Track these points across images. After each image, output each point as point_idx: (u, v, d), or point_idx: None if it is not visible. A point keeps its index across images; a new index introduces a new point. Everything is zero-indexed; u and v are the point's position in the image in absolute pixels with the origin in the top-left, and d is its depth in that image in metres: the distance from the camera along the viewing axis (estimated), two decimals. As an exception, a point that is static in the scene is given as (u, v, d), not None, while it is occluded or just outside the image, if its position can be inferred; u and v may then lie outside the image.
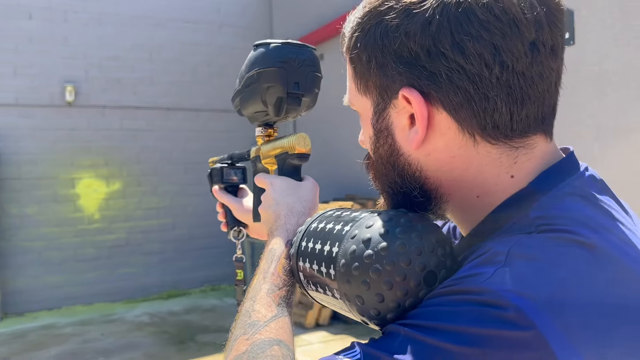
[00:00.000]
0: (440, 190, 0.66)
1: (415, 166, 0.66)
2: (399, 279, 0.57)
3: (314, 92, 0.96)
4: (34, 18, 6.73)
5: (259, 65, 0.92)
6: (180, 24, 7.60)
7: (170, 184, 7.49)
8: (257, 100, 0.95)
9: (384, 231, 0.59)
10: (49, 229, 6.81)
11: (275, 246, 0.81)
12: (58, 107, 6.87)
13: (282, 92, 0.92)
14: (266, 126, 1.05)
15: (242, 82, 0.97)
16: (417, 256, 0.58)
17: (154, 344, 5.27)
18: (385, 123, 0.67)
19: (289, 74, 0.91)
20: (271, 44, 0.92)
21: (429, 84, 0.60)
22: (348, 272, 0.60)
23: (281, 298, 0.73)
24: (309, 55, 0.94)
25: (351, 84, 0.71)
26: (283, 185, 0.93)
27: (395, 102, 0.64)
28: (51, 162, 6.83)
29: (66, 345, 5.33)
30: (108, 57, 7.13)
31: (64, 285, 6.82)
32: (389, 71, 0.62)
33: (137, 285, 7.22)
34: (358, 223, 0.63)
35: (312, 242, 0.70)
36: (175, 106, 7.54)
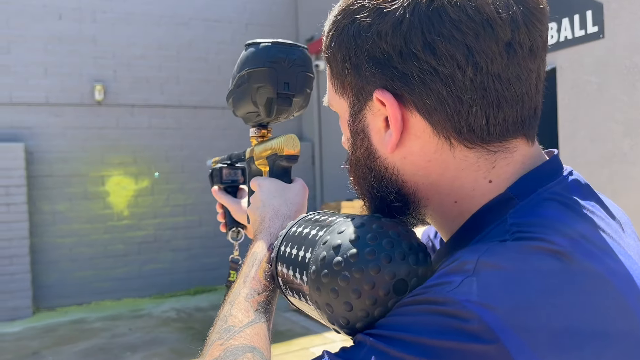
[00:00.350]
0: (417, 194, 0.64)
1: (392, 170, 0.64)
2: (367, 287, 0.55)
3: (305, 92, 0.94)
4: (64, 18, 6.86)
5: (249, 65, 0.91)
6: (206, 22, 7.65)
7: (197, 182, 7.56)
8: (248, 100, 0.93)
9: (354, 237, 0.58)
10: (79, 226, 6.95)
11: (258, 250, 0.80)
12: (88, 106, 7.00)
13: (272, 92, 0.90)
14: (260, 127, 1.03)
15: (233, 82, 0.96)
16: (386, 263, 0.56)
17: (180, 340, 5.34)
18: (361, 125, 0.65)
19: (279, 74, 0.89)
20: (261, 44, 0.91)
21: (401, 86, 0.58)
22: (318, 279, 0.58)
23: (260, 304, 0.72)
24: (299, 54, 0.92)
25: (329, 84, 0.69)
26: (271, 187, 0.91)
27: (370, 104, 0.62)
28: (81, 160, 6.96)
29: (95, 340, 5.43)
30: (136, 56, 7.23)
31: (93, 280, 6.96)
32: (363, 72, 0.60)
33: (165, 281, 7.32)
34: (331, 229, 0.62)
35: (290, 246, 0.69)
36: (201, 104, 7.61)
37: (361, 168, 0.68)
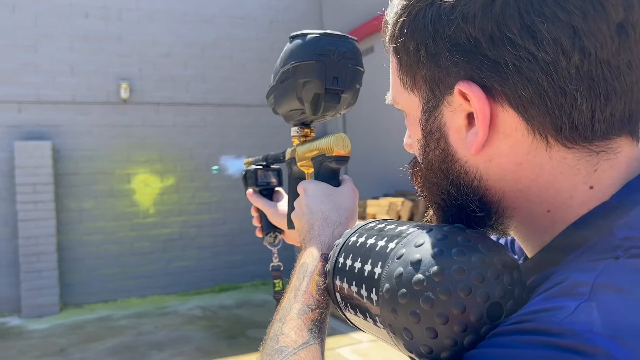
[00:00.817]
0: (503, 203, 0.55)
1: (474, 174, 0.55)
2: (457, 311, 0.47)
3: (354, 87, 0.86)
4: (90, 17, 6.89)
5: (294, 58, 0.83)
6: (231, 20, 7.63)
7: (222, 179, 7.55)
8: (292, 97, 0.86)
9: (437, 251, 0.50)
10: (105, 223, 6.99)
11: (308, 260, 0.73)
12: (114, 104, 7.02)
13: (319, 88, 0.82)
14: (302, 125, 0.96)
15: (276, 78, 0.89)
16: (478, 284, 0.48)
17: (206, 338, 5.32)
18: (437, 124, 0.57)
19: (328, 68, 0.82)
20: (308, 35, 0.83)
21: (491, 76, 0.50)
22: (394, 300, 0.51)
23: (313, 322, 0.65)
24: (349, 47, 0.84)
25: (395, 78, 0.62)
26: (317, 191, 0.84)
27: (450, 98, 0.54)
28: (108, 157, 7.00)
29: (121, 338, 5.45)
30: (161, 54, 7.24)
31: (119, 278, 6.99)
32: (442, 62, 0.53)
33: (190, 279, 7.33)
34: (405, 240, 0.54)
35: (351, 258, 0.61)
36: (226, 102, 7.59)
37: (435, 173, 0.60)
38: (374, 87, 7.03)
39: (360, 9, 7.15)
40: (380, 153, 6.75)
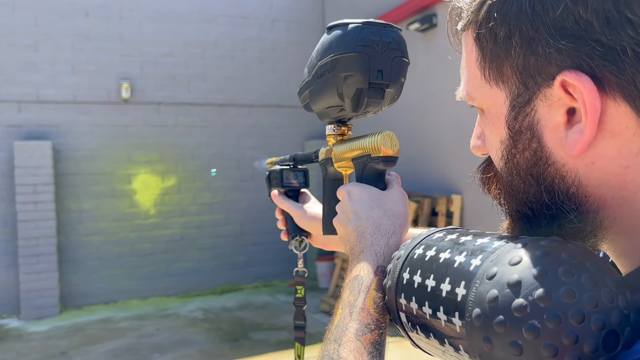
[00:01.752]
0: (602, 212, 0.48)
1: (572, 180, 0.49)
2: (568, 342, 0.41)
3: (399, 81, 0.79)
4: (91, 16, 6.83)
5: (334, 50, 0.75)
6: (233, 19, 7.58)
7: (223, 180, 7.50)
8: (332, 92, 0.79)
9: (540, 271, 0.43)
10: (106, 224, 6.93)
11: (362, 273, 0.66)
12: (115, 103, 6.96)
13: (363, 82, 0.75)
14: (339, 123, 0.89)
15: (313, 72, 0.81)
16: (592, 309, 0.41)
17: (208, 341, 5.26)
18: (528, 121, 0.50)
19: (372, 60, 0.74)
20: (349, 25, 0.75)
21: (604, 65, 0.43)
22: (487, 328, 0.44)
23: (373, 344, 0.59)
24: (394, 36, 0.77)
25: (474, 70, 0.54)
26: (364, 196, 0.76)
27: (547, 91, 0.47)
28: (108, 158, 6.94)
29: (123, 340, 5.38)
30: (162, 53, 7.18)
31: (120, 279, 6.93)
32: (542, 49, 0.46)
33: (191, 280, 7.28)
34: (495, 256, 0.47)
35: (420, 275, 0.54)
36: (228, 102, 7.53)
37: (522, 178, 0.52)
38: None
39: (363, 10, 7.10)
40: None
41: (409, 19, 6.02)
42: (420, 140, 6.03)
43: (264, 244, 7.61)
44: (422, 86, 5.98)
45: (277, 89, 7.76)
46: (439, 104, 5.70)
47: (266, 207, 7.61)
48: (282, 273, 7.67)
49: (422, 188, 5.95)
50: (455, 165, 5.50)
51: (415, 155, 6.12)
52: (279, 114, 7.76)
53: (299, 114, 7.89)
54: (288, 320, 5.77)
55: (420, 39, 5.94)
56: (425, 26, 5.66)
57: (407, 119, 6.27)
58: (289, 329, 5.52)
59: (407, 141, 6.27)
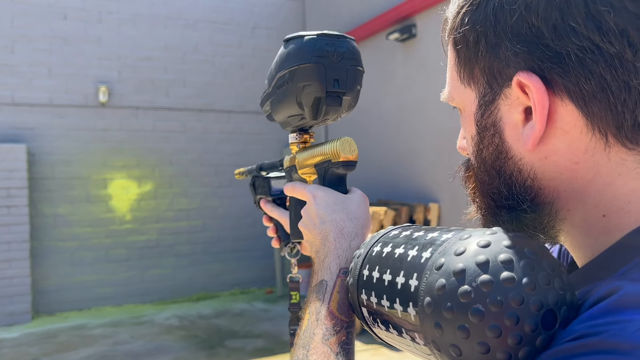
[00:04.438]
0: (556, 204, 0.53)
1: (527, 172, 0.53)
2: (510, 322, 0.44)
3: (355, 89, 0.82)
4: (69, 18, 6.76)
5: (292, 62, 0.79)
6: (213, 25, 7.56)
7: (201, 186, 7.46)
8: (291, 102, 0.82)
9: (482, 260, 0.46)
10: (81, 229, 6.83)
11: (326, 277, 0.69)
12: (92, 107, 6.89)
13: (320, 91, 0.78)
14: (301, 131, 0.91)
15: (272, 83, 0.84)
16: (530, 292, 0.45)
17: (184, 348, 5.21)
18: (492, 118, 0.54)
19: (328, 70, 0.78)
20: (305, 37, 0.79)
21: (552, 67, 0.48)
22: (437, 314, 0.47)
23: (340, 345, 0.61)
24: (348, 47, 0.80)
25: (452, 73, 0.59)
26: (328, 199, 0.79)
27: (507, 91, 0.52)
28: (84, 162, 6.85)
29: (96, 348, 5.30)
30: (141, 57, 7.13)
31: (95, 285, 6.83)
32: (502, 52, 0.51)
33: (167, 287, 7.20)
34: (442, 248, 0.50)
35: (378, 270, 0.57)
36: (207, 107, 7.51)
37: (487, 171, 0.57)
38: (356, 95, 7.02)
39: (344, 19, 7.14)
40: (362, 161, 6.71)
41: (388, 29, 6.08)
42: (398, 149, 6.07)
43: (241, 251, 7.57)
44: (400, 95, 6.03)
45: (257, 95, 7.73)
46: (417, 113, 5.75)
47: (244, 213, 7.59)
48: (259, 280, 7.64)
49: (399, 196, 5.99)
50: (432, 174, 5.55)
51: (393, 163, 6.16)
52: (258, 120, 7.75)
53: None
54: (265, 328, 5.75)
55: (399, 49, 6.00)
56: (405, 36, 5.71)
57: (385, 127, 6.31)
58: (265, 336, 5.49)
59: (385, 150, 6.32)
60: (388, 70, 6.24)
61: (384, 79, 6.33)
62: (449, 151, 5.26)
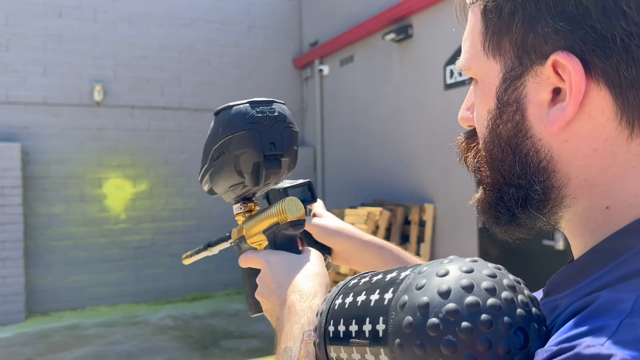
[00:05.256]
0: (564, 190, 0.51)
1: (545, 154, 0.51)
2: (483, 348, 0.43)
3: (292, 149, 0.83)
4: (64, 17, 6.73)
5: (226, 132, 0.80)
6: (209, 24, 7.54)
7: (196, 186, 7.43)
8: (230, 171, 0.82)
9: (445, 288, 0.45)
10: (75, 229, 6.80)
11: (290, 344, 0.67)
12: (87, 106, 6.86)
13: (258, 156, 0.79)
14: (245, 200, 0.91)
15: (209, 156, 0.84)
16: (496, 312, 0.44)
17: (178, 349, 5.19)
18: (516, 94, 0.52)
19: (262, 134, 0.79)
20: (234, 106, 0.81)
21: (594, 50, 0.46)
22: (410, 354, 0.45)
23: None
24: (279, 110, 0.82)
25: (475, 41, 0.56)
26: (283, 262, 0.78)
27: (539, 69, 0.50)
28: (79, 161, 6.82)
29: (90, 347, 5.28)
30: (137, 57, 7.11)
31: (89, 285, 6.80)
32: (541, 28, 0.48)
33: (161, 287, 7.18)
34: (403, 285, 0.49)
35: (343, 323, 0.55)
36: (202, 107, 7.48)
37: (501, 147, 0.54)
38: (352, 96, 7.03)
39: (341, 18, 7.13)
40: (358, 162, 6.72)
41: (384, 29, 6.07)
42: (394, 150, 6.06)
43: (237, 250, 7.55)
44: (396, 96, 6.02)
45: (253, 95, 7.63)
46: (413, 114, 5.75)
47: (239, 213, 7.56)
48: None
49: (395, 197, 5.98)
50: (428, 175, 5.54)
51: (389, 164, 6.15)
52: (254, 120, 7.74)
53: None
54: (259, 329, 5.73)
55: (395, 49, 5.99)
56: (401, 37, 5.70)
57: (381, 128, 6.30)
58: (260, 337, 5.48)
59: (381, 150, 6.31)
60: (384, 71, 6.23)
61: (380, 80, 6.32)
62: (446, 152, 5.25)
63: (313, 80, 7.80)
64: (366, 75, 6.61)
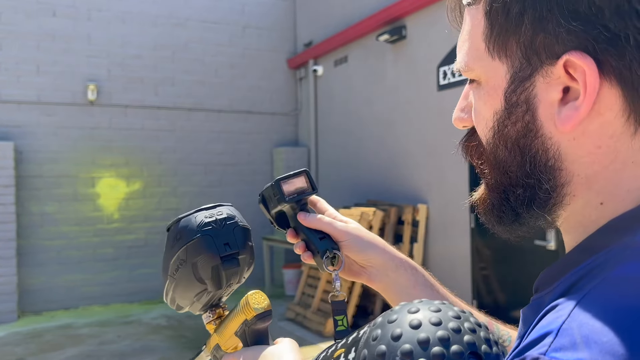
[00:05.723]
0: (565, 189, 0.52)
1: (553, 153, 0.51)
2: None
3: (247, 245, 0.84)
4: (58, 16, 6.71)
5: (180, 244, 0.82)
6: (204, 24, 7.54)
7: (190, 185, 7.43)
8: (191, 281, 0.82)
9: (397, 332, 0.48)
10: (68, 228, 6.78)
11: None
12: (80, 105, 6.84)
13: (214, 259, 0.80)
14: (212, 308, 0.90)
15: (169, 271, 0.85)
16: (447, 343, 0.46)
17: (171, 349, 5.19)
18: (525, 95, 0.52)
19: (215, 238, 0.81)
20: (182, 219, 0.83)
21: (607, 49, 0.46)
22: None
23: None
24: (226, 211, 0.84)
25: (477, 42, 0.55)
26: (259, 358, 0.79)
27: (549, 69, 0.49)
28: (72, 160, 6.80)
29: (82, 347, 5.27)
30: (131, 56, 7.10)
31: (82, 285, 6.79)
32: (553, 28, 0.48)
33: (155, 287, 7.16)
34: (362, 341, 0.51)
35: None
36: (196, 107, 7.48)
37: (508, 148, 0.54)
38: (346, 96, 7.04)
39: (335, 19, 7.15)
40: (352, 162, 6.73)
41: (378, 30, 6.09)
42: (388, 150, 6.08)
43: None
44: (390, 97, 6.04)
45: (247, 95, 7.74)
46: (406, 114, 5.77)
47: (233, 213, 7.56)
48: (248, 280, 7.49)
49: (388, 197, 6.00)
50: (421, 175, 5.56)
51: (382, 164, 6.17)
52: (248, 119, 7.74)
53: (269, 121, 7.88)
54: (253, 328, 5.73)
55: (389, 50, 6.01)
56: (395, 37, 5.72)
57: (375, 128, 6.31)
58: (253, 336, 5.48)
59: (375, 152, 6.32)
60: (378, 72, 6.25)
61: (374, 80, 6.33)
62: (439, 152, 5.28)
63: (307, 80, 7.81)
64: (360, 76, 6.62)
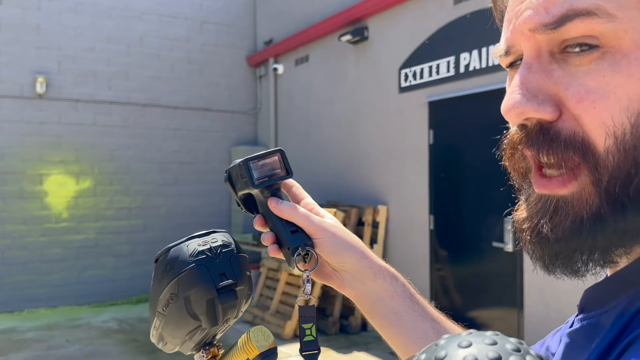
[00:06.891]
0: None
1: None
2: None
3: (245, 275, 0.74)
4: (5, 4, 6.39)
5: (171, 275, 0.71)
6: (160, 17, 7.33)
7: (144, 184, 7.21)
8: (184, 317, 0.71)
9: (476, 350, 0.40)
10: (13, 227, 6.47)
11: None
12: (28, 98, 6.54)
13: (210, 291, 0.70)
14: (206, 347, 0.79)
15: (159, 308, 0.74)
16: None
17: (123, 353, 5.00)
18: None
19: (210, 267, 0.70)
20: (172, 248, 0.72)
21: None
22: None
23: None
24: (222, 238, 0.74)
25: None
26: None
27: None
28: (18, 156, 6.49)
29: (28, 352, 5.01)
30: (83, 48, 6.83)
31: (27, 286, 6.48)
32: None
33: (105, 289, 6.93)
34: None
35: None
36: (151, 102, 7.27)
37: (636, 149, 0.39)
38: (307, 96, 6.98)
39: (295, 18, 7.07)
40: (312, 163, 6.67)
41: (340, 30, 6.05)
42: (348, 152, 6.05)
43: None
44: (350, 98, 6.01)
45: (205, 92, 7.58)
46: (367, 116, 5.75)
47: (189, 213, 7.39)
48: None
49: (349, 198, 5.97)
50: (381, 176, 5.55)
51: (342, 166, 6.13)
52: (206, 117, 7.57)
53: (227, 119, 7.74)
54: (209, 331, 5.60)
55: (351, 51, 5.98)
56: (357, 38, 5.69)
57: (336, 129, 6.27)
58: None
59: (335, 153, 6.28)
60: (339, 72, 6.21)
61: (335, 81, 6.29)
62: (399, 154, 5.28)
63: (267, 78, 7.70)
64: (321, 76, 6.57)
